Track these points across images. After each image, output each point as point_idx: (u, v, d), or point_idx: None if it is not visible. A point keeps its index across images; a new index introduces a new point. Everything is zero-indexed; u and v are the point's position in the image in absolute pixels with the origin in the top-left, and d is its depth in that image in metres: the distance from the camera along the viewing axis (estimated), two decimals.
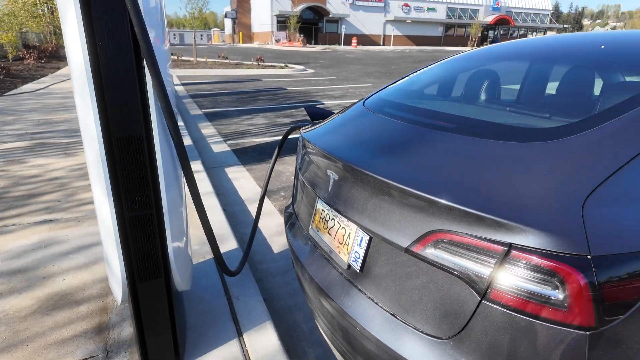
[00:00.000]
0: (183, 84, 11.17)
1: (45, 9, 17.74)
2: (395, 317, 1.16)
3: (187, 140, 5.05)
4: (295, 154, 4.47)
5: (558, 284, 0.86)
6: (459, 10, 50.69)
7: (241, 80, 12.42)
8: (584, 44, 1.82)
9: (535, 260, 0.88)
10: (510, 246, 0.91)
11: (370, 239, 1.25)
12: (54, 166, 3.88)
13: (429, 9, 48.56)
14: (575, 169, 1.00)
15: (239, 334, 1.76)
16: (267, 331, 1.76)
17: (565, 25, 78.09)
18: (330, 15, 43.23)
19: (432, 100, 1.86)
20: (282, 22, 42.17)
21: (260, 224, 3.01)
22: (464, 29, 51.99)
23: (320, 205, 1.55)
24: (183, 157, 1.37)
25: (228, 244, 2.54)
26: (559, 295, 0.86)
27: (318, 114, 2.17)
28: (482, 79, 1.88)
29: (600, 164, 1.00)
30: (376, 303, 1.22)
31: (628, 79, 1.50)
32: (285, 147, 5.20)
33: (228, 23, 54.95)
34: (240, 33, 48.01)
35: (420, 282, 1.09)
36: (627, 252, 0.87)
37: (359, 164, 1.28)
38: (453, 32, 52.13)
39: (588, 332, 0.86)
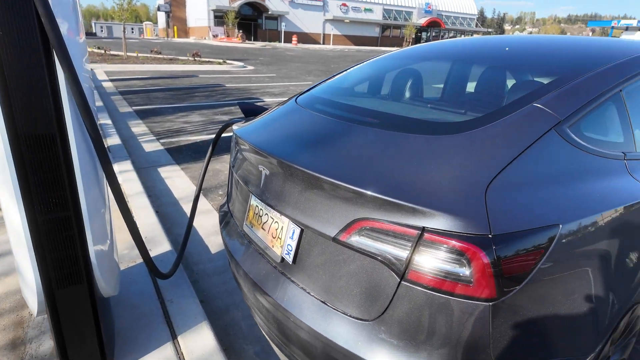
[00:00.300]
0: (112, 80, 10.45)
1: None
2: (326, 304, 1.20)
3: (115, 139, 4.75)
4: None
5: (465, 261, 0.95)
6: (394, 11, 52.74)
7: (176, 76, 11.90)
8: (494, 47, 2.01)
9: (445, 241, 0.97)
10: (423, 229, 0.99)
11: (302, 231, 1.28)
12: None
13: (366, 10, 49.95)
14: (479, 159, 1.11)
15: (174, 337, 1.71)
16: (203, 331, 1.73)
17: (490, 29, 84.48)
18: (270, 12, 42.83)
19: (360, 97, 1.94)
20: (219, 17, 40.96)
21: (197, 224, 2.93)
22: (399, 30, 54.21)
23: (254, 201, 1.55)
24: (103, 156, 1.30)
25: (161, 246, 2.45)
26: (466, 271, 0.95)
27: (251, 111, 2.16)
28: (407, 78, 2.00)
29: (500, 154, 1.12)
30: (308, 292, 1.26)
31: (529, 77, 1.67)
32: (225, 144, 5.10)
33: (161, 16, 52.20)
34: (175, 27, 45.89)
35: (348, 269, 1.14)
36: (521, 230, 0.98)
37: (289, 158, 1.30)
38: (389, 33, 54.13)
39: (491, 303, 0.96)
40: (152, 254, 2.35)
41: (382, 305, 1.07)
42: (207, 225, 2.95)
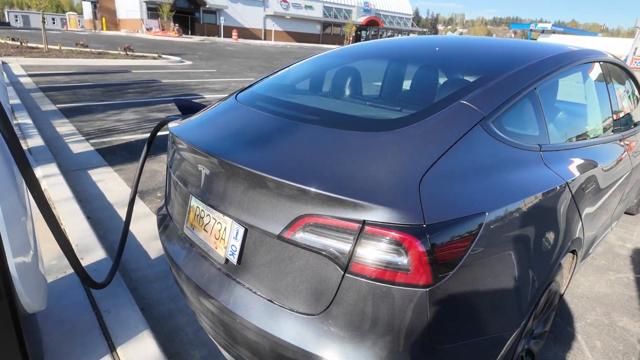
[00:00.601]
0: (31, 75, 9.50)
1: None
2: (273, 303, 1.20)
3: (37, 140, 4.34)
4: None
5: (403, 251, 1.00)
6: (334, 9, 53.39)
7: (106, 72, 11.10)
8: (426, 47, 2.12)
9: (384, 232, 1.01)
10: (364, 223, 1.03)
11: (246, 230, 1.27)
12: None
13: (306, 7, 50.04)
14: (413, 153, 1.17)
15: (112, 349, 1.61)
16: (145, 340, 1.65)
17: (424, 29, 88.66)
18: (208, 6, 41.35)
19: (301, 94, 1.95)
20: (153, 10, 38.77)
21: (134, 229, 2.78)
22: (340, 28, 55.06)
23: (194, 202, 1.50)
24: (20, 158, 1.18)
25: (95, 254, 2.29)
26: (404, 260, 1.01)
27: (189, 108, 2.09)
28: (347, 76, 2.04)
29: (432, 148, 1.19)
30: (254, 292, 1.25)
31: (457, 76, 1.79)
32: (162, 143, 4.86)
33: (87, 7, 48.21)
34: (104, 19, 42.68)
35: (294, 266, 1.15)
36: (452, 219, 1.05)
37: (230, 157, 1.28)
38: (330, 31, 54.76)
39: (427, 289, 1.02)
40: (85, 263, 2.19)
41: (328, 299, 1.09)
42: (146, 229, 2.80)
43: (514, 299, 1.28)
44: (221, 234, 1.37)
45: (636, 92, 2.76)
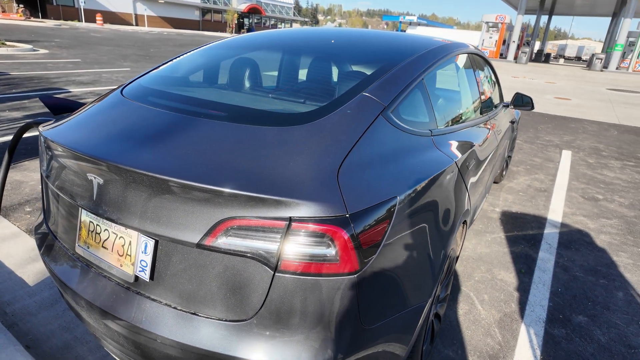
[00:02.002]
0: None
1: None
2: (197, 315, 1.12)
3: None
4: (39, 157, 3.63)
5: (330, 242, 1.02)
6: None
7: None
8: (322, 38, 2.16)
9: (311, 227, 1.01)
10: (290, 219, 1.02)
11: (156, 242, 1.15)
12: None
13: None
14: (327, 146, 1.19)
15: None
16: None
17: (306, 19, 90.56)
18: None
19: (197, 87, 1.82)
20: None
21: (2, 254, 2.31)
22: (221, 15, 52.83)
23: (86, 217, 1.31)
24: None
25: None
26: (332, 251, 1.03)
27: (61, 107, 1.79)
28: (244, 67, 1.97)
29: (343, 140, 1.23)
30: (174, 307, 1.15)
31: (354, 68, 1.87)
32: (25, 149, 4.10)
33: None
34: None
35: (217, 273, 1.09)
36: (371, 206, 1.11)
37: (128, 162, 1.13)
38: (210, 18, 52.19)
39: (355, 275, 1.06)
40: None
41: (259, 301, 1.06)
42: (16, 252, 2.35)
43: (427, 270, 1.41)
44: (125, 249, 1.22)
45: (493, 78, 3.25)
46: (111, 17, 40.02)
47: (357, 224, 1.06)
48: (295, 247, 1.02)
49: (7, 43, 13.26)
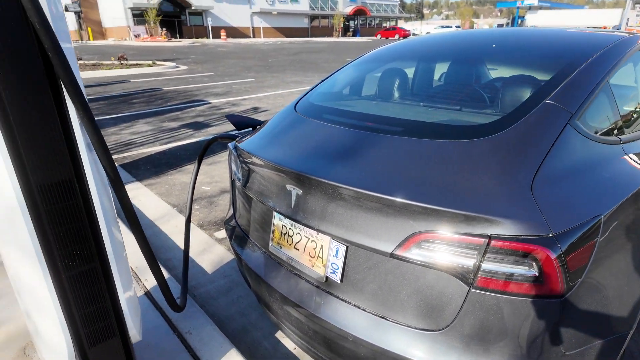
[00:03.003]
0: None
1: None
2: (386, 319, 1.20)
3: None
4: (194, 164, 4.23)
5: (534, 262, 1.01)
6: (320, 1, 53.00)
7: (105, 83, 11.00)
8: (481, 44, 2.07)
9: (513, 245, 1.01)
10: (490, 237, 1.03)
11: (347, 248, 1.27)
12: None
13: (292, 1, 49.65)
14: (516, 160, 1.16)
15: None
16: (235, 359, 1.66)
17: (412, 14, 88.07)
18: (193, 8, 40.92)
19: (364, 102, 1.92)
20: (139, 16, 38.34)
21: (181, 244, 2.77)
22: (327, 20, 54.68)
23: (279, 221, 1.50)
24: (116, 180, 1.14)
25: (151, 275, 2.28)
26: (536, 272, 1.01)
27: (244, 123, 2.08)
28: (408, 79, 1.99)
29: (532, 153, 1.18)
30: (363, 309, 1.25)
31: (525, 73, 1.76)
32: (183, 154, 4.84)
33: (70, 17, 47.63)
34: (90, 29, 42.18)
35: (408, 282, 1.15)
36: (575, 226, 1.05)
37: (329, 177, 1.26)
38: (318, 23, 54.40)
39: (560, 299, 1.02)
40: (148, 285, 2.19)
41: (451, 314, 1.09)
42: (194, 244, 2.80)
43: (632, 295, 1.28)
44: (317, 252, 1.36)
45: None
46: (233, 32, 44.50)
47: (563, 245, 1.01)
48: (495, 265, 1.03)
49: (157, 62, 15.73)
